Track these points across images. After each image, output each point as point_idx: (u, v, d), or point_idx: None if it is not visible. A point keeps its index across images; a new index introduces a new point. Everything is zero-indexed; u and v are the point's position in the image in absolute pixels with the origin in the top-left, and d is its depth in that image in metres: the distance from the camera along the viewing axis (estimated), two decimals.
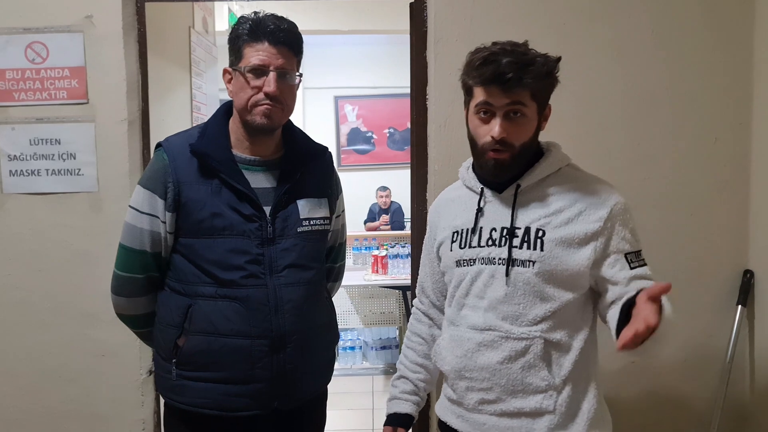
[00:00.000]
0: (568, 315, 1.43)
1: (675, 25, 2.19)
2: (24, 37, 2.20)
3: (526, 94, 1.39)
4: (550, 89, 1.46)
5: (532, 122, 1.42)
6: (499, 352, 1.43)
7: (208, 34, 3.58)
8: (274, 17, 1.58)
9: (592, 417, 1.43)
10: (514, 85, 1.36)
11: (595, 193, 1.45)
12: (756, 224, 2.21)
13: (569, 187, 1.46)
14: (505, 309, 1.43)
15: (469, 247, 1.50)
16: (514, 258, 1.43)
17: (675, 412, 2.28)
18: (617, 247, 1.41)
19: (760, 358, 2.21)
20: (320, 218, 1.69)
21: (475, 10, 2.16)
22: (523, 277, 1.42)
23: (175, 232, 1.61)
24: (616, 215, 1.42)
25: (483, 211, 1.51)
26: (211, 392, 1.57)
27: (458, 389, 1.51)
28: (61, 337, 2.26)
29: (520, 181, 1.46)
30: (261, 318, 1.56)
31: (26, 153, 2.22)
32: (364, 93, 7.36)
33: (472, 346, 1.46)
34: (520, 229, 1.44)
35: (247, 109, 1.57)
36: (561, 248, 1.41)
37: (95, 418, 2.28)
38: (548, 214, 1.43)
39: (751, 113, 2.21)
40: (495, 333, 1.44)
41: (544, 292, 1.42)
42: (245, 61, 1.56)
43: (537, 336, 1.41)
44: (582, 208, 1.42)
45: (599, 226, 1.40)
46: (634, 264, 1.40)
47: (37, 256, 2.24)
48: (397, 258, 4.65)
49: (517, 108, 1.39)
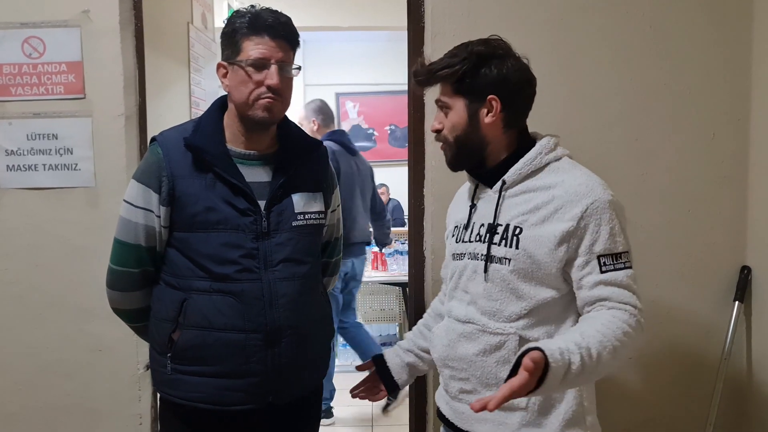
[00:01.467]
0: (548, 314, 1.42)
1: (673, 20, 2.18)
2: (21, 32, 2.19)
3: (446, 90, 1.46)
4: (477, 82, 1.42)
5: (459, 116, 1.45)
6: (475, 345, 1.45)
7: (207, 30, 3.58)
8: (270, 11, 1.58)
9: (569, 418, 1.41)
10: (428, 81, 1.47)
11: (575, 189, 1.38)
12: (754, 220, 2.20)
13: (551, 184, 1.41)
14: (484, 304, 1.45)
15: (462, 242, 1.54)
16: (492, 255, 1.44)
17: (671, 408, 2.27)
18: (589, 248, 1.36)
19: (757, 354, 2.20)
20: (315, 212, 1.69)
21: (473, 4, 2.16)
22: (500, 274, 1.42)
23: (169, 226, 1.60)
24: (591, 214, 1.36)
25: (476, 206, 1.54)
26: (206, 386, 1.57)
27: (444, 377, 1.56)
28: (58, 332, 2.26)
29: (505, 176, 1.46)
30: (255, 312, 1.56)
31: (23, 148, 2.22)
32: (365, 90, 7.36)
33: (454, 336, 1.50)
34: (501, 225, 1.44)
35: (248, 103, 1.57)
36: (535, 247, 1.38)
37: (92, 413, 2.28)
38: (527, 211, 1.41)
39: (749, 109, 2.20)
40: (474, 326, 1.46)
41: (519, 290, 1.41)
42: (245, 55, 1.55)
43: (512, 333, 1.41)
44: (558, 205, 1.38)
45: (572, 225, 1.35)
46: (607, 267, 1.35)
47: (34, 251, 2.25)
48: (396, 255, 4.66)
49: (440, 103, 1.49)
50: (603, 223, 1.36)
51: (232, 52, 1.58)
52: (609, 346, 1.26)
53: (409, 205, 2.32)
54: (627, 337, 1.29)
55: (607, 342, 1.26)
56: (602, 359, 1.24)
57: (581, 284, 1.38)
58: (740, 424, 2.25)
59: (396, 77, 6.61)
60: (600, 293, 1.35)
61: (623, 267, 1.37)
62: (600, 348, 1.24)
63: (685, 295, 2.23)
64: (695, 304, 2.24)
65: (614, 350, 1.26)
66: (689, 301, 2.23)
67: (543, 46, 2.12)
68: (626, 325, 1.30)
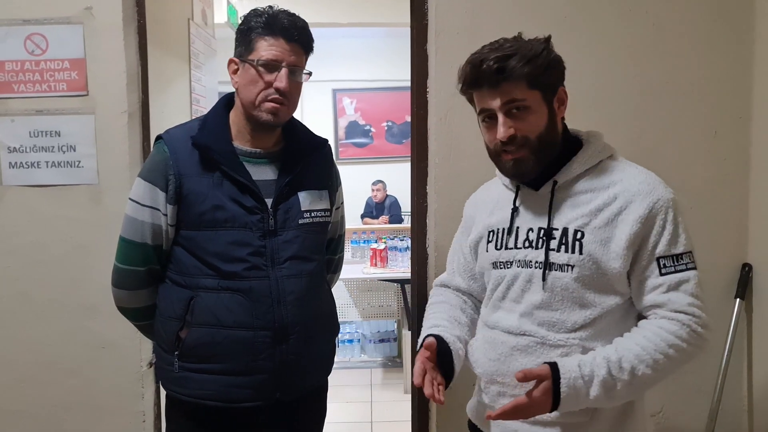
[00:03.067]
0: (610, 322, 1.34)
1: (676, 18, 2.18)
2: (23, 29, 2.18)
3: (520, 86, 1.30)
4: (550, 72, 1.34)
5: (539, 112, 1.32)
6: (533, 358, 1.33)
7: (207, 27, 3.57)
8: (287, 13, 1.58)
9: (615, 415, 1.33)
10: (499, 79, 1.29)
11: (637, 188, 1.31)
12: (755, 218, 2.22)
13: (609, 183, 1.34)
14: (542, 315, 1.34)
15: (506, 249, 1.41)
16: (551, 261, 1.33)
17: (673, 403, 2.28)
18: (651, 250, 1.30)
19: (758, 351, 2.22)
20: (321, 210, 1.70)
21: (476, 2, 2.16)
22: (561, 282, 1.32)
23: (176, 224, 1.61)
24: (656, 213, 1.29)
25: (519, 210, 1.42)
26: (214, 384, 1.57)
27: (490, 393, 1.43)
28: (61, 329, 2.26)
29: (557, 177, 1.36)
30: (264, 309, 1.57)
31: (26, 145, 2.21)
32: (363, 86, 7.34)
33: (506, 350, 1.37)
34: (558, 230, 1.33)
35: (255, 103, 1.57)
36: (602, 252, 1.30)
37: (95, 410, 2.28)
38: (587, 213, 1.32)
39: (751, 107, 2.21)
40: (530, 338, 1.34)
41: (583, 298, 1.32)
42: (257, 54, 1.55)
43: (575, 344, 1.31)
44: (622, 205, 1.30)
45: (639, 227, 1.29)
46: (667, 269, 1.29)
47: (36, 248, 2.24)
48: (395, 251, 4.66)
49: (514, 102, 1.30)
50: (666, 223, 1.30)
51: (245, 49, 1.58)
52: (648, 359, 1.22)
53: (412, 202, 2.32)
54: (674, 349, 1.24)
55: (646, 355, 1.22)
56: (638, 372, 1.20)
57: (641, 288, 1.31)
58: (741, 420, 2.27)
59: (393, 73, 6.63)
60: (657, 299, 1.29)
61: (685, 268, 1.30)
62: (636, 361, 1.21)
63: None
64: None
65: (655, 363, 1.22)
66: None
67: None
68: (673, 337, 1.24)
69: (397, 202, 6.61)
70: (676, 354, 1.24)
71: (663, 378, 1.26)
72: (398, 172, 5.84)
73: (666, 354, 1.23)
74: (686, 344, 1.26)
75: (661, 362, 1.22)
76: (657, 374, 1.23)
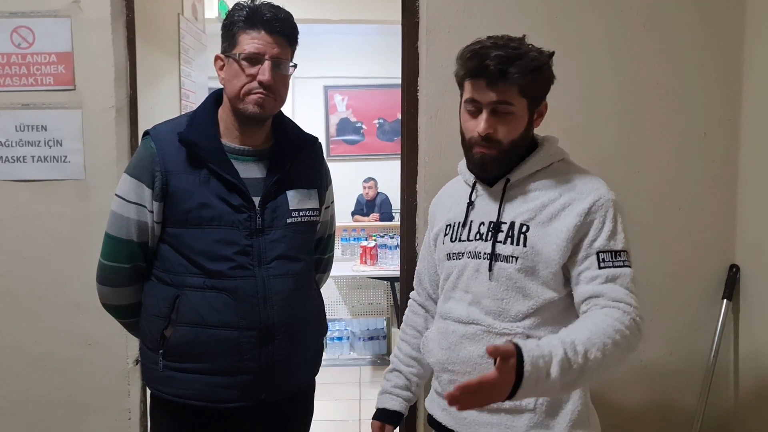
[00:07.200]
0: (553, 314, 1.41)
1: (666, 20, 2.19)
2: (9, 21, 2.15)
3: (513, 90, 1.36)
4: (542, 85, 1.42)
5: (520, 119, 1.40)
6: (480, 346, 1.41)
7: (197, 22, 3.55)
8: (270, 6, 1.57)
9: (575, 418, 1.40)
10: (498, 79, 1.34)
11: (581, 187, 1.41)
12: (743, 219, 2.23)
13: (557, 182, 1.43)
14: (488, 304, 1.42)
15: (459, 241, 1.50)
16: (497, 253, 1.42)
17: (660, 404, 2.29)
18: (590, 244, 1.36)
19: (745, 351, 2.23)
20: (310, 209, 1.69)
21: (468, 0, 2.15)
22: (506, 272, 1.40)
23: (162, 221, 1.59)
24: (596, 210, 1.37)
25: (474, 204, 1.51)
26: (198, 383, 1.56)
27: (442, 382, 1.52)
28: (47, 325, 2.23)
29: (510, 175, 1.45)
30: (249, 309, 1.55)
31: (12, 139, 2.19)
32: (354, 83, 7.33)
33: (455, 338, 1.46)
34: (506, 223, 1.42)
35: (240, 97, 1.55)
36: (544, 244, 1.38)
37: (81, 407, 2.26)
38: (533, 209, 1.41)
39: (740, 109, 2.22)
40: (478, 327, 1.43)
41: (526, 289, 1.40)
42: (239, 48, 1.54)
43: (519, 332, 1.38)
44: (566, 202, 1.39)
45: (579, 221, 1.37)
46: (605, 264, 1.35)
47: (22, 244, 2.21)
48: (385, 249, 4.65)
49: (503, 104, 1.37)
50: (606, 220, 1.37)
51: (229, 44, 1.57)
52: (598, 343, 1.23)
53: (402, 201, 2.31)
54: (620, 335, 1.26)
55: (597, 339, 1.23)
56: (590, 356, 1.21)
57: (579, 279, 1.37)
58: (728, 421, 2.28)
59: (385, 71, 6.62)
60: (594, 289, 1.34)
61: (622, 265, 1.36)
62: (588, 344, 1.22)
63: (674, 293, 2.25)
64: (684, 302, 2.26)
65: (604, 347, 1.23)
66: (678, 299, 2.25)
67: (536, 44, 2.10)
68: (619, 323, 1.28)
69: (387, 199, 6.60)
70: (621, 340, 1.26)
71: (609, 366, 1.26)
72: (389, 169, 5.83)
73: (613, 339, 1.25)
74: (629, 332, 1.29)
75: (609, 347, 1.24)
76: (605, 360, 1.24)
